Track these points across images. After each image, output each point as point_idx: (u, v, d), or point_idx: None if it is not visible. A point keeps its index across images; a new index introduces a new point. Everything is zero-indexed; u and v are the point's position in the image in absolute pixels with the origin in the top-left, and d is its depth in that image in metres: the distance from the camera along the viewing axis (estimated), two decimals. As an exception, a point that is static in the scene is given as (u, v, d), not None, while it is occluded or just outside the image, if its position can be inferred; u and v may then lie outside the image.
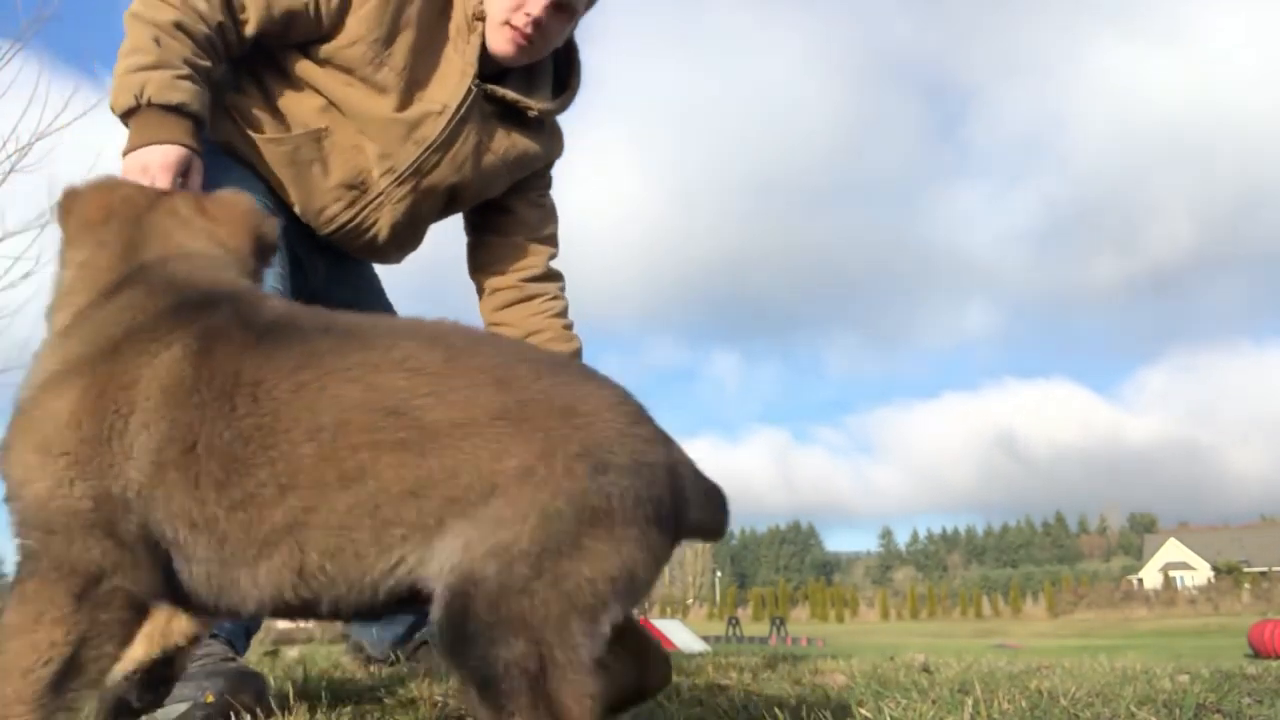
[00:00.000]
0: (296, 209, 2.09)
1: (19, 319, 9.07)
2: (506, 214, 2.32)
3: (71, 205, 1.24)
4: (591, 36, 2.27)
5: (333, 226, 2.11)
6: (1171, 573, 70.08)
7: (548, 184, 2.38)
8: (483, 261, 2.35)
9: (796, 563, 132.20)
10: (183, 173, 1.77)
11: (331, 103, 2.01)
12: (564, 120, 2.33)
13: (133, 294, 1.12)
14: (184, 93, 1.79)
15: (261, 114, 2.04)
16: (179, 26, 1.81)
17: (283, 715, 1.57)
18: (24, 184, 8.54)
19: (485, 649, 0.92)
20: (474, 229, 2.39)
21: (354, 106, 2.01)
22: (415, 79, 2.03)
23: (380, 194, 2.09)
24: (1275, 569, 66.87)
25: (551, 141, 2.30)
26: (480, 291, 2.36)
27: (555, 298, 2.34)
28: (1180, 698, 1.74)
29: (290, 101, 2.03)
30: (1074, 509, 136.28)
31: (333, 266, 2.26)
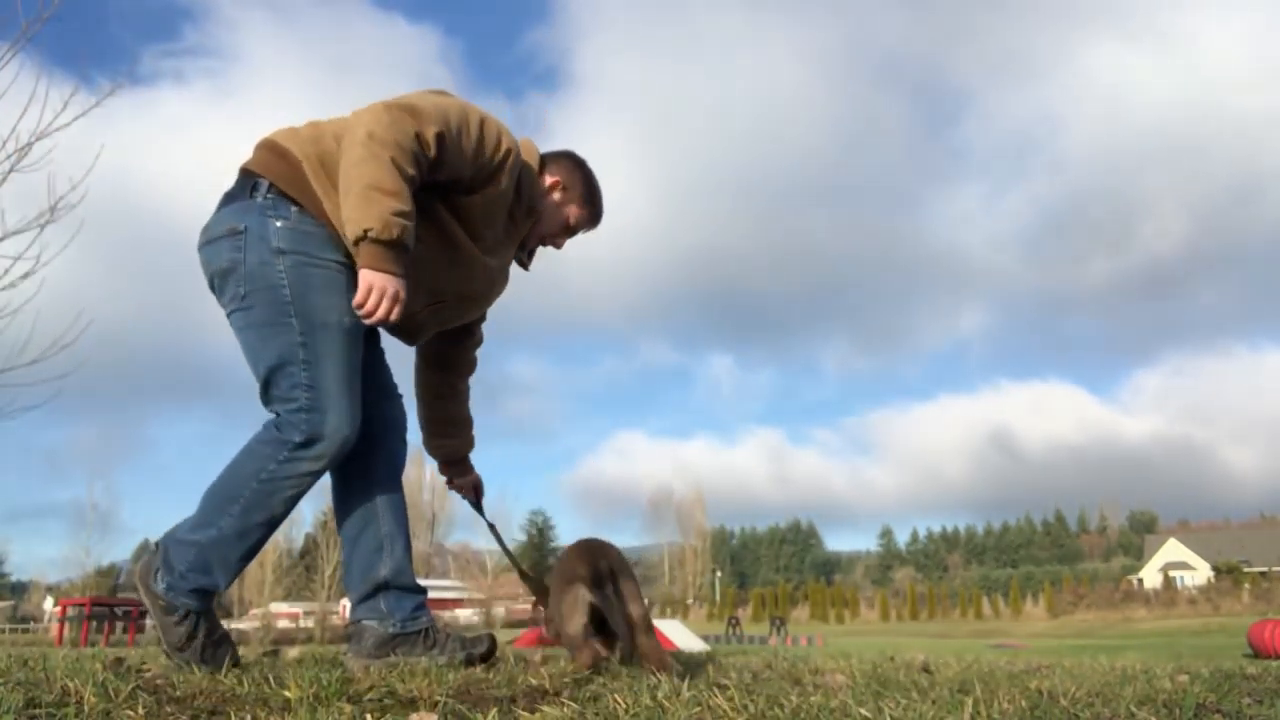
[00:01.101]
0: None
1: (19, 319, 9.07)
2: (473, 327, 2.91)
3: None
4: (583, 34, 2.34)
5: (404, 315, 2.46)
6: (1171, 572, 70.09)
7: None
8: (449, 364, 2.93)
9: (796, 563, 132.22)
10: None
11: (446, 234, 2.48)
12: (557, 120, 2.85)
13: None
14: (412, 234, 2.29)
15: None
16: (412, 182, 2.28)
17: (282, 715, 1.57)
18: (24, 184, 8.53)
19: None
20: (445, 336, 2.86)
21: (458, 245, 2.51)
22: (495, 245, 2.62)
23: (442, 303, 2.61)
24: (1275, 569, 66.88)
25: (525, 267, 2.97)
26: (439, 387, 2.94)
27: (468, 387, 3.03)
28: (1180, 698, 1.74)
29: (418, 219, 2.38)
30: (1071, 509, 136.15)
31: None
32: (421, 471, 61.07)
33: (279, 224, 2.32)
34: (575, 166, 2.81)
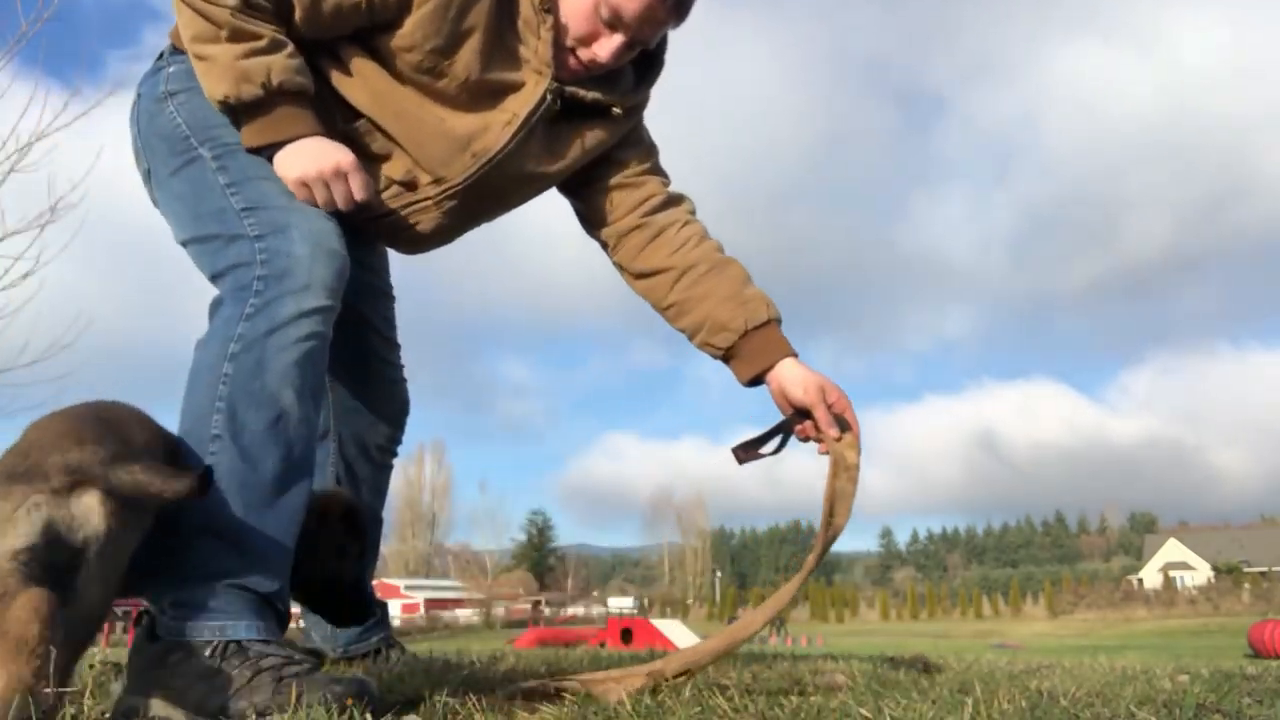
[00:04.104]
0: None
1: (19, 319, 9.07)
2: (598, 161, 2.02)
3: None
4: None
5: (367, 214, 1.89)
6: (1171, 573, 70.09)
7: (639, 118, 2.09)
8: (593, 216, 2.07)
9: (796, 563, 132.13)
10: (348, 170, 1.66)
11: (387, 100, 1.81)
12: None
13: None
14: (305, 76, 1.65)
15: (325, 99, 1.82)
16: (251, 5, 1.63)
17: (280, 714, 1.56)
18: (24, 184, 8.54)
19: None
20: (567, 188, 2.09)
21: (407, 112, 1.80)
22: (481, 89, 1.80)
23: (426, 199, 1.89)
24: (1275, 569, 66.87)
25: (636, 112, 2.03)
26: (605, 248, 2.09)
27: (689, 223, 2.04)
28: (1180, 698, 1.73)
29: (347, 89, 1.81)
30: (1056, 509, 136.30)
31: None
32: (421, 471, 61.00)
33: (170, 69, 1.82)
34: None
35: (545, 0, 1.77)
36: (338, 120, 1.82)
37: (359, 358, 2.28)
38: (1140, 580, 72.90)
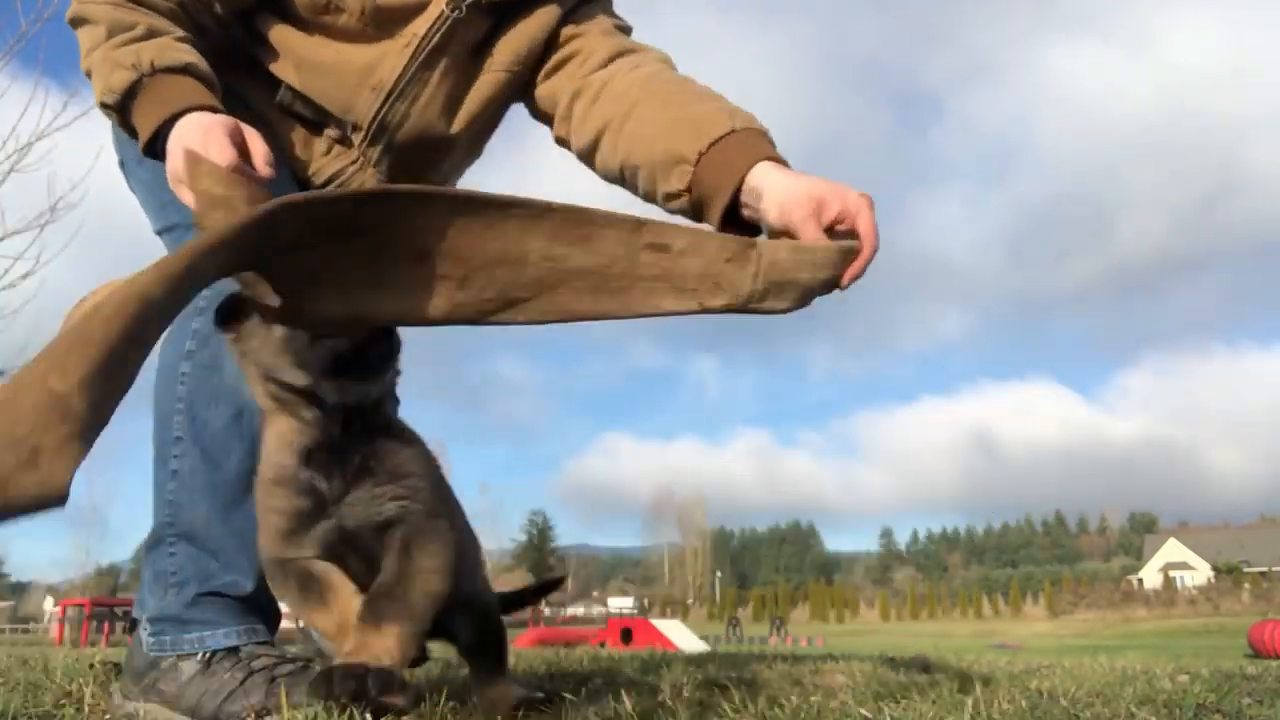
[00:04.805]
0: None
1: (19, 319, 9.07)
2: (546, 51, 1.70)
3: None
4: None
5: (319, 181, 1.76)
6: (1171, 573, 70.09)
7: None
8: (545, 111, 1.75)
9: (796, 563, 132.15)
10: (238, 140, 1.35)
11: (291, 54, 1.65)
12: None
13: None
14: (189, 54, 1.45)
15: (261, 82, 1.71)
16: (137, 1, 1.49)
17: (278, 713, 1.57)
18: (24, 184, 8.54)
19: None
20: (524, 103, 1.80)
21: (308, 58, 1.62)
22: (382, 17, 1.59)
23: (359, 157, 1.71)
24: (1275, 569, 66.87)
25: None
26: (569, 147, 1.71)
27: (641, 66, 1.63)
28: (1180, 698, 1.73)
29: (274, 64, 1.67)
30: (1056, 510, 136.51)
31: None
32: (421, 472, 61.01)
33: None
34: None
35: None
36: (272, 100, 1.70)
37: None
38: (1140, 580, 72.90)
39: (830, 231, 1.32)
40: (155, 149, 1.41)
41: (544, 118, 1.77)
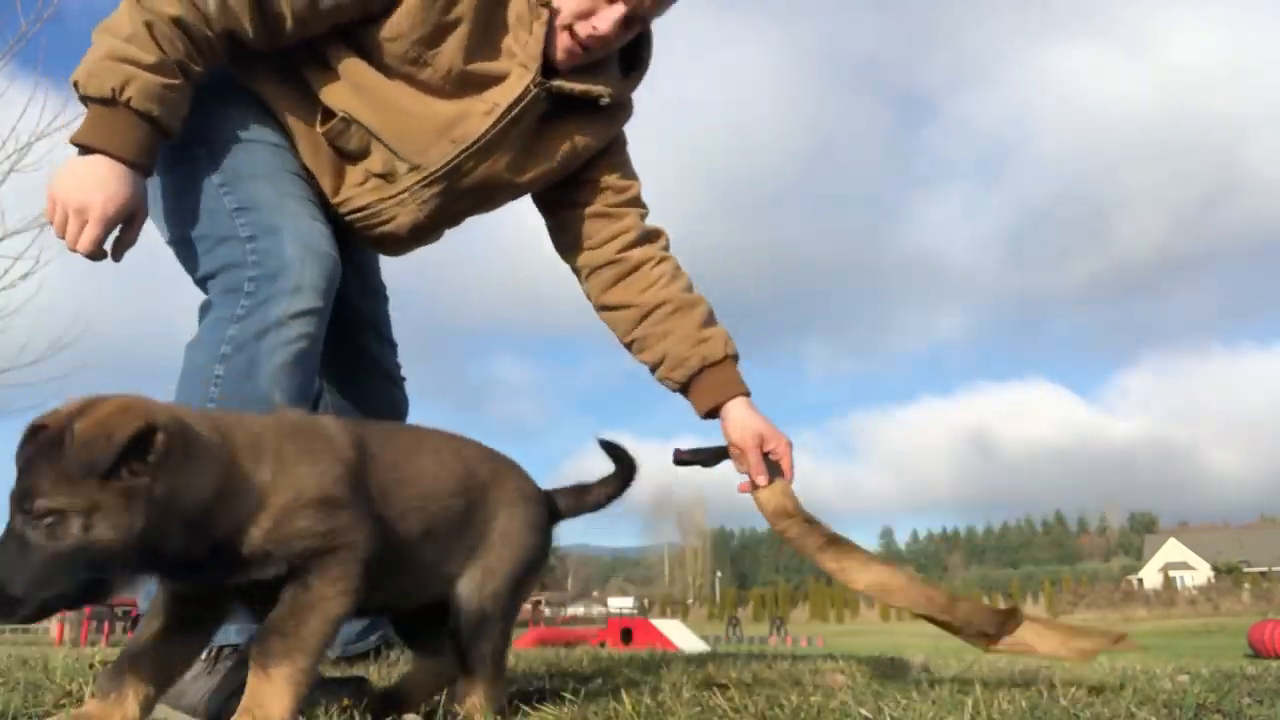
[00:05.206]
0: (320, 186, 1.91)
1: (19, 319, 9.07)
2: (580, 184, 2.04)
3: None
4: None
5: (347, 209, 1.90)
6: (1171, 573, 70.07)
7: (623, 143, 2.11)
8: (569, 240, 2.08)
9: (796, 563, 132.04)
10: (123, 220, 1.59)
11: (368, 93, 1.80)
12: None
13: None
14: (165, 106, 1.59)
15: (298, 101, 1.84)
16: (179, 24, 1.60)
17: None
18: (24, 184, 8.54)
19: None
20: (546, 205, 2.10)
21: (388, 101, 1.79)
22: (465, 80, 1.79)
23: (404, 190, 1.87)
24: (1275, 569, 66.85)
25: (620, 113, 2.02)
26: (577, 274, 2.11)
27: (663, 260, 2.06)
28: (1180, 698, 1.73)
29: (327, 89, 1.81)
30: (1056, 510, 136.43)
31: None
32: (421, 472, 60.94)
33: None
34: None
35: (539, 8, 1.78)
36: (316, 124, 1.83)
37: (355, 360, 2.26)
38: (1140, 580, 72.88)
39: (765, 456, 1.95)
40: (79, 148, 1.57)
41: (564, 242, 2.10)
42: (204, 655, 1.54)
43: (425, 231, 2.00)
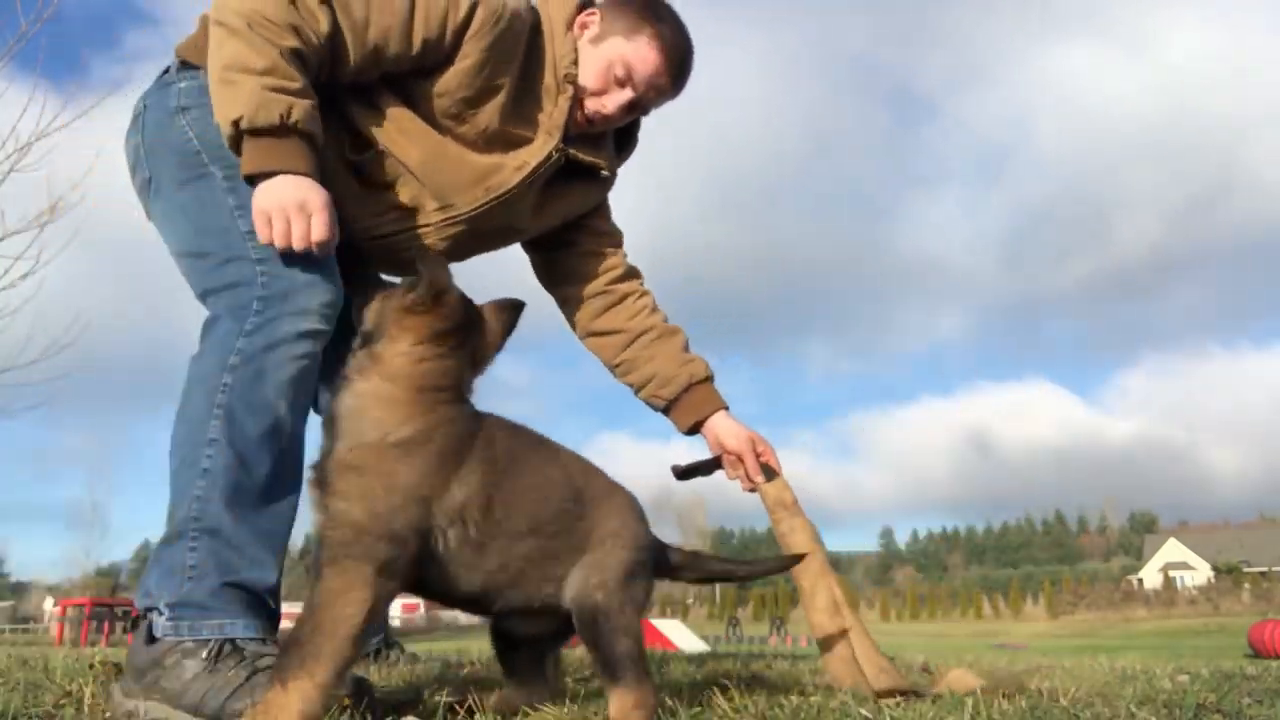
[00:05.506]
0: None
1: (19, 319, 9.07)
2: (575, 228, 2.27)
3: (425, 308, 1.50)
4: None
5: (366, 235, 2.01)
6: (1171, 573, 70.06)
7: (606, 196, 2.35)
8: (560, 275, 2.31)
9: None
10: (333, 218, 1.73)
11: (410, 136, 1.94)
12: None
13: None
14: (317, 124, 1.73)
15: (327, 127, 1.88)
16: (299, 57, 1.72)
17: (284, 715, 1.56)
18: (24, 184, 8.54)
19: None
20: (538, 245, 2.31)
21: (429, 145, 1.94)
22: (497, 139, 1.97)
23: (429, 225, 2.01)
24: (1275, 569, 66.85)
25: (611, 180, 2.27)
26: (564, 302, 2.32)
27: (644, 294, 2.30)
28: (1180, 698, 1.74)
29: (369, 122, 1.92)
30: (1056, 509, 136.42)
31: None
32: (421, 472, 60.90)
33: (182, 85, 1.87)
34: None
35: (570, 74, 1.97)
36: (346, 150, 1.92)
37: None
38: (1140, 580, 72.87)
39: (757, 457, 2.13)
40: (252, 179, 1.69)
41: (556, 276, 2.30)
42: (205, 655, 1.54)
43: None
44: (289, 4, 1.71)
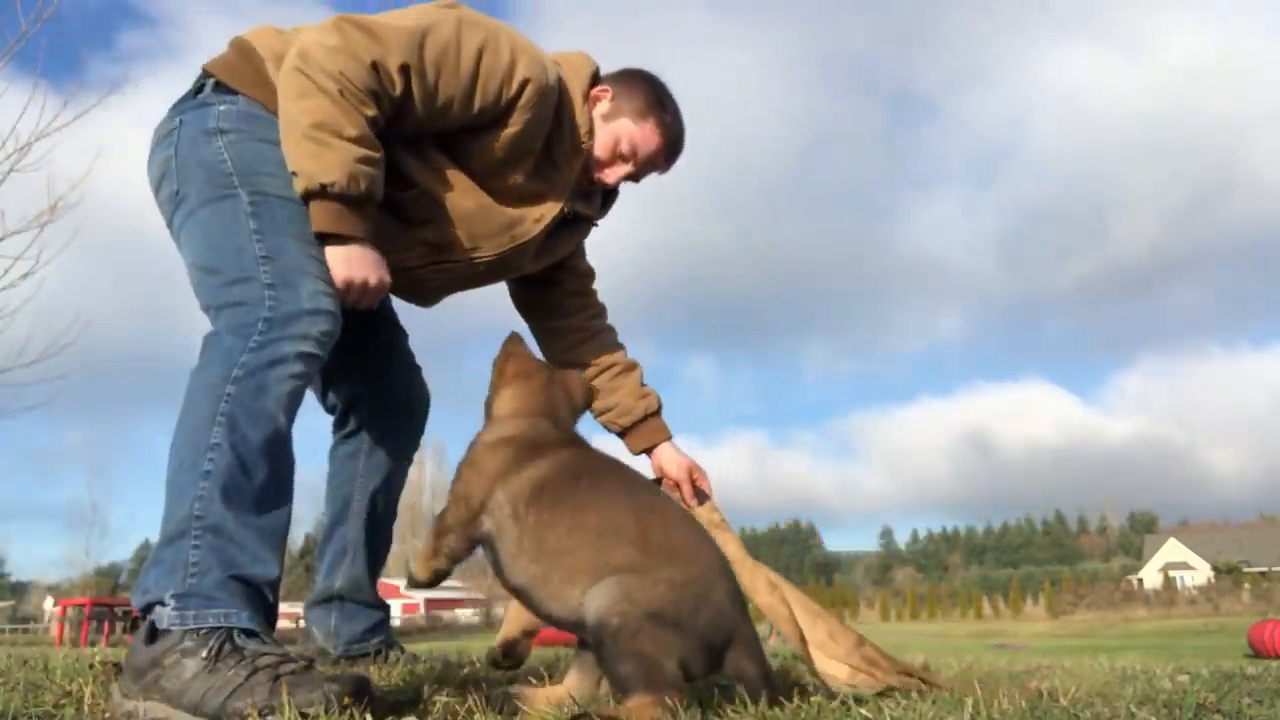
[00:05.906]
0: None
1: (19, 319, 9.06)
2: (557, 268, 2.48)
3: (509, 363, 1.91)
4: (549, 31, 2.31)
5: (395, 268, 2.09)
6: (1171, 573, 70.03)
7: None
8: (543, 310, 2.54)
9: (796, 563, 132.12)
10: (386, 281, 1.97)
11: (450, 183, 2.11)
12: None
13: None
14: (380, 188, 1.93)
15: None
16: (375, 123, 1.90)
17: (281, 714, 1.56)
18: (24, 184, 8.53)
19: None
20: (521, 281, 2.51)
21: (469, 195, 2.12)
22: (519, 194, 2.17)
23: (454, 261, 2.21)
24: (1275, 569, 66.84)
25: (594, 226, 2.52)
26: (541, 332, 2.54)
27: (612, 330, 2.58)
28: (1180, 698, 1.74)
29: (413, 165, 2.07)
30: (1056, 509, 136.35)
31: None
32: (422, 472, 60.99)
33: (221, 108, 1.97)
34: (634, 76, 2.27)
35: (587, 141, 2.18)
36: (388, 187, 2.02)
37: (387, 352, 2.53)
38: (1140, 580, 72.83)
39: (692, 483, 2.42)
40: (323, 237, 1.87)
41: (539, 309, 2.53)
42: (204, 654, 1.54)
43: (449, 291, 2.40)
44: (372, 69, 1.85)
